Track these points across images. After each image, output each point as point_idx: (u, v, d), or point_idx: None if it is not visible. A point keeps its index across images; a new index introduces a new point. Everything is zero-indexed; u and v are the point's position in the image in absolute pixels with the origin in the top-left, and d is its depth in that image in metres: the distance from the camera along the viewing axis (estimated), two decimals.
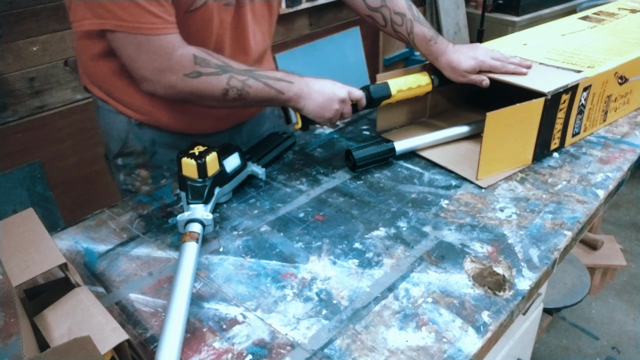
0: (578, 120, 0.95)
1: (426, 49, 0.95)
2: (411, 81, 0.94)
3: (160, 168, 0.98)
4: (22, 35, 1.62)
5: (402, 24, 0.95)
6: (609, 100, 1.00)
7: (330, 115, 0.86)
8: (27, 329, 0.50)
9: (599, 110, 0.99)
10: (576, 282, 1.74)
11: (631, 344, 1.76)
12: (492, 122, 0.80)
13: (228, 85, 0.78)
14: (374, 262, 0.70)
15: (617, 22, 1.24)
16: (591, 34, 1.16)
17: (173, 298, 0.60)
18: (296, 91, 0.83)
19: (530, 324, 1.04)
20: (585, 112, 0.95)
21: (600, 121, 1.02)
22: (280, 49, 2.36)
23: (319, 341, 0.58)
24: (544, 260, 0.69)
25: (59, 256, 0.57)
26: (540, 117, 0.86)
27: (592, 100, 0.95)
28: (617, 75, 0.97)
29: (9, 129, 1.65)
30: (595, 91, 0.95)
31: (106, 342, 0.49)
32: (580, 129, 0.97)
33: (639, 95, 1.10)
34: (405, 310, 0.61)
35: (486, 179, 0.87)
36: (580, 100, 0.92)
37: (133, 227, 0.81)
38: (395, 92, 0.92)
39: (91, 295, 0.56)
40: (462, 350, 0.56)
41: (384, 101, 0.93)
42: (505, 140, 0.85)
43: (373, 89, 0.91)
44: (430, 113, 1.10)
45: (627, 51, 1.03)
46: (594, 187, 0.84)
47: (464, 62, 0.93)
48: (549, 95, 0.84)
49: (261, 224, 0.79)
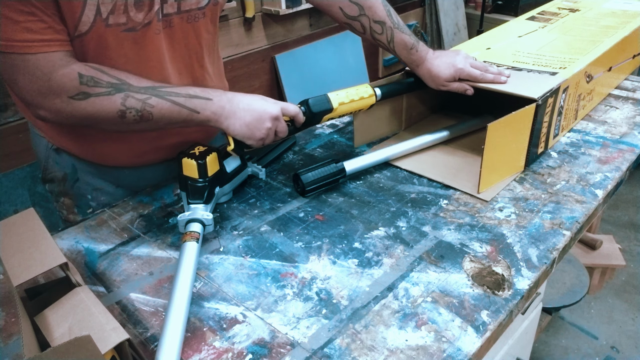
0: (557, 121, 0.96)
1: (407, 57, 0.93)
2: (353, 93, 0.87)
3: (85, 197, 0.89)
4: None
5: (382, 32, 0.91)
6: (580, 99, 1.02)
7: (261, 135, 0.76)
8: (27, 328, 0.50)
9: (572, 109, 1.01)
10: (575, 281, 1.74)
11: (630, 343, 1.76)
12: (493, 132, 0.78)
13: (124, 107, 0.68)
14: (373, 262, 0.70)
15: (562, 20, 1.28)
16: (544, 33, 1.19)
17: (173, 298, 0.61)
18: (215, 109, 0.73)
19: (529, 323, 1.04)
20: (563, 113, 0.96)
21: (572, 120, 1.04)
22: (280, 49, 2.36)
23: (318, 340, 0.58)
24: (543, 259, 0.69)
25: (59, 256, 0.57)
26: (532, 123, 0.85)
27: (568, 101, 0.97)
28: (586, 74, 0.99)
29: (9, 129, 1.65)
30: (571, 92, 0.96)
31: (106, 341, 0.49)
32: (559, 130, 0.99)
33: (601, 89, 1.13)
34: (404, 310, 0.62)
35: (486, 192, 0.85)
36: (560, 102, 0.93)
37: (134, 227, 0.81)
38: (337, 105, 0.84)
39: (92, 295, 0.56)
40: (461, 350, 0.56)
41: (327, 116, 0.84)
42: (504, 149, 0.85)
43: (312, 102, 0.83)
44: (406, 123, 1.08)
45: (586, 49, 1.05)
46: (593, 187, 0.84)
47: (443, 71, 0.91)
48: (540, 100, 0.83)
49: (261, 224, 0.79)
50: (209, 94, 0.73)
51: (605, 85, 1.17)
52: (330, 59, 2.58)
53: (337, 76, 2.57)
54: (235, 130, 0.75)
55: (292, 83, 2.43)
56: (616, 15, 1.27)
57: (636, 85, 1.23)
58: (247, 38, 2.21)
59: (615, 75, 1.19)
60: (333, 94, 0.85)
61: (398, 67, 2.93)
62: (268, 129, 0.76)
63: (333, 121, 1.14)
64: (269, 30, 2.29)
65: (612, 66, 1.13)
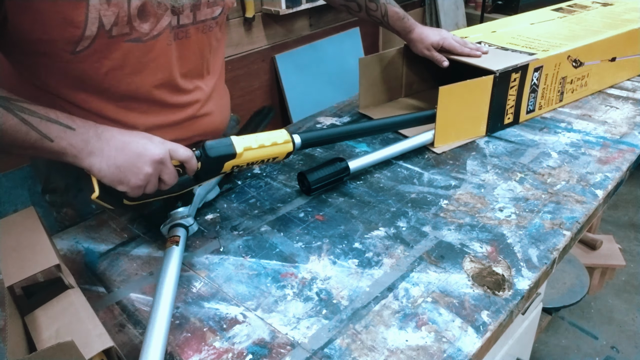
0: (532, 98, 1.05)
1: (400, 26, 1.07)
2: (263, 138, 0.74)
3: (88, 206, 0.85)
4: None
5: (377, 9, 1.05)
6: (564, 81, 1.09)
7: (138, 182, 0.63)
8: (16, 329, 0.50)
9: (554, 90, 1.09)
10: (575, 281, 1.74)
11: (630, 343, 1.76)
12: (444, 95, 0.91)
13: None
14: (373, 262, 0.70)
15: (586, 12, 1.34)
16: (559, 23, 1.26)
17: (157, 302, 0.60)
18: (75, 142, 0.60)
19: (529, 323, 1.04)
20: (538, 91, 1.05)
21: (557, 101, 1.12)
22: (280, 49, 2.36)
23: (319, 341, 0.58)
24: (543, 260, 0.69)
25: (53, 257, 0.57)
26: (491, 93, 0.96)
27: (546, 81, 1.05)
28: (570, 59, 1.06)
29: None
30: (548, 72, 1.04)
31: (91, 347, 0.49)
32: (534, 106, 1.07)
33: (598, 79, 1.18)
34: (405, 310, 0.62)
35: (442, 147, 0.98)
36: (532, 80, 1.02)
37: (134, 227, 0.81)
38: (242, 150, 0.71)
39: (82, 298, 0.56)
40: (461, 350, 0.56)
41: (230, 162, 0.71)
42: (459, 112, 0.96)
43: (209, 146, 0.69)
44: (406, 92, 1.23)
45: (584, 37, 1.12)
46: (593, 187, 0.84)
47: (431, 36, 1.06)
48: (498, 73, 0.95)
49: (261, 224, 0.79)
50: (74, 123, 0.61)
51: (608, 75, 1.19)
52: (330, 59, 2.58)
53: (337, 76, 2.57)
54: (101, 171, 0.62)
55: (292, 83, 2.43)
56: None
57: (636, 85, 1.23)
58: (247, 38, 2.21)
59: (621, 68, 1.21)
60: (238, 138, 0.72)
61: None
62: (148, 174, 0.63)
63: (333, 121, 1.14)
64: (269, 30, 2.29)
65: (617, 57, 1.16)
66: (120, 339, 0.60)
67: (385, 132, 1.04)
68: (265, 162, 0.76)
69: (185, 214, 0.75)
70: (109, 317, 0.64)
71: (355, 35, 2.71)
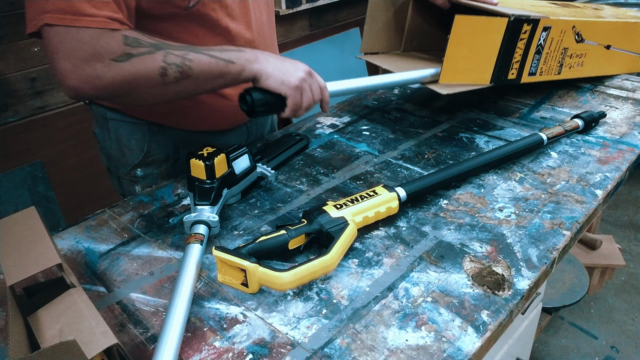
0: (535, 59, 1.04)
1: None
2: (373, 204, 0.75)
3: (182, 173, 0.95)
4: (23, 36, 1.62)
5: None
6: (565, 53, 1.09)
7: (295, 82, 0.77)
8: (18, 329, 0.50)
9: (555, 59, 1.08)
10: (575, 281, 1.74)
11: (630, 343, 1.76)
12: (459, 25, 0.88)
13: (165, 63, 0.69)
14: (373, 262, 0.70)
15: (608, 7, 1.36)
16: (575, 5, 1.28)
17: (174, 300, 0.60)
18: (249, 57, 0.76)
19: (529, 323, 1.05)
20: (542, 54, 1.04)
21: (555, 72, 1.11)
22: (281, 49, 2.35)
23: (319, 340, 0.58)
24: (543, 259, 0.69)
25: (54, 256, 0.57)
26: (502, 38, 0.94)
27: (550, 45, 1.05)
28: (574, 30, 1.06)
29: (10, 129, 1.65)
30: (554, 36, 1.03)
31: (95, 345, 0.49)
32: (536, 70, 1.06)
33: (594, 63, 1.18)
34: (404, 310, 0.62)
35: (446, 87, 0.93)
36: (539, 39, 1.01)
37: (134, 227, 0.81)
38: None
39: (85, 297, 0.56)
40: (461, 350, 0.56)
41: None
42: (470, 48, 0.93)
43: None
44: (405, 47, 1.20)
45: (585, 15, 1.14)
46: (593, 187, 0.84)
47: None
48: (512, 17, 0.92)
49: (261, 224, 0.80)
50: (240, 48, 0.78)
51: (603, 63, 1.21)
52: (330, 59, 2.58)
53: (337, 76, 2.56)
54: (268, 72, 0.76)
55: None
56: None
57: (636, 86, 1.23)
58: None
59: (616, 60, 1.22)
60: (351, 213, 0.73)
61: None
62: (302, 78, 0.78)
63: (333, 121, 1.14)
64: None
65: (612, 47, 1.17)
66: (120, 338, 0.60)
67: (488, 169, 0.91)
68: None
69: (212, 213, 0.75)
70: (109, 317, 0.64)
71: (355, 35, 2.72)
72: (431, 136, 1.05)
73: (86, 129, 1.82)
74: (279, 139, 1.00)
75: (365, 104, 1.23)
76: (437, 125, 1.09)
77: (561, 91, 1.22)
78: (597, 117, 1.02)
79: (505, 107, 1.16)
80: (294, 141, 0.99)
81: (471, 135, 1.04)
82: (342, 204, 0.74)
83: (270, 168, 0.89)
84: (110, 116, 0.94)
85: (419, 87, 1.30)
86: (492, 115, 1.12)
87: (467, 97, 1.20)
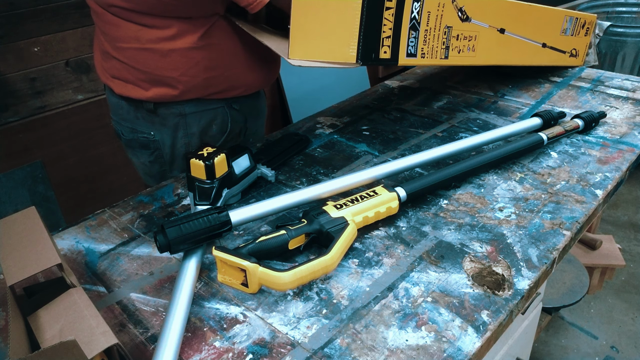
0: (412, 37, 0.89)
1: None
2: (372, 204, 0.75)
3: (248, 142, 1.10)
4: (23, 35, 1.62)
5: None
6: (450, 33, 0.94)
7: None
8: (19, 329, 0.50)
9: (438, 39, 0.93)
10: (575, 281, 1.74)
11: (630, 343, 1.76)
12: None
13: None
14: (373, 262, 0.70)
15: None
16: None
17: (174, 300, 0.60)
18: None
19: (529, 323, 1.05)
20: (420, 31, 0.89)
21: (442, 55, 0.96)
22: None
23: (319, 340, 0.58)
24: (543, 259, 0.69)
25: (54, 256, 0.57)
26: (362, 5, 0.79)
27: (428, 21, 0.90)
28: (455, 5, 0.92)
29: (10, 129, 1.65)
30: (430, 9, 0.89)
31: (95, 345, 0.49)
32: (416, 50, 0.91)
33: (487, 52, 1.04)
34: (405, 310, 0.62)
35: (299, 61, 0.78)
36: (412, 12, 0.86)
37: (134, 227, 0.81)
38: None
39: (85, 297, 0.56)
40: (461, 350, 0.56)
41: None
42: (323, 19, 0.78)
43: None
44: None
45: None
46: (593, 187, 0.84)
47: None
48: None
49: (261, 224, 0.80)
50: None
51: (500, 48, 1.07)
52: None
53: (337, 76, 2.57)
54: None
55: (292, 83, 2.43)
56: None
57: (636, 86, 1.23)
58: None
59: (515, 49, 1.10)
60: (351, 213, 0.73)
61: (397, 68, 2.92)
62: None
63: (333, 121, 1.14)
64: None
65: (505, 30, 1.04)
66: (120, 338, 0.60)
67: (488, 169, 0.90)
68: None
69: None
70: (109, 317, 0.64)
71: None
72: (431, 136, 1.05)
73: (86, 128, 1.83)
74: (279, 139, 1.01)
75: (365, 104, 1.23)
76: (437, 125, 1.09)
77: (561, 91, 1.22)
78: (597, 117, 1.02)
79: (505, 107, 1.16)
80: (294, 141, 0.99)
81: (471, 135, 1.04)
82: (342, 204, 0.74)
83: (270, 168, 0.89)
84: (190, 110, 0.99)
85: (419, 87, 1.30)
86: (492, 116, 1.12)
87: (467, 97, 1.21)
